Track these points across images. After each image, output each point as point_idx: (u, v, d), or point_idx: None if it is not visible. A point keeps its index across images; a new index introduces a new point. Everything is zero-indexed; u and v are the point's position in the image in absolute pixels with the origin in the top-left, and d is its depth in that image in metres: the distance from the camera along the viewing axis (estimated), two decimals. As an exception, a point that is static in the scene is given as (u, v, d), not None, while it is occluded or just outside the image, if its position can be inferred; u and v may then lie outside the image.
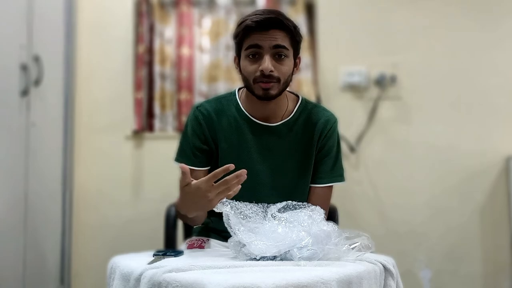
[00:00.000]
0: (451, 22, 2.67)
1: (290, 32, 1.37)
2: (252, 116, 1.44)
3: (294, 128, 1.42)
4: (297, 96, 1.50)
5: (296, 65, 1.44)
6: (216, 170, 1.18)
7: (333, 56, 2.68)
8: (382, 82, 2.63)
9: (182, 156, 1.45)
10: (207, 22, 2.70)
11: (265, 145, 1.43)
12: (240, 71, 1.41)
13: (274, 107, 1.42)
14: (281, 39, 1.36)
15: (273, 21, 1.35)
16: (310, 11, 2.69)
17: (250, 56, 1.36)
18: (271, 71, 1.34)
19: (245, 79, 1.40)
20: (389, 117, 2.65)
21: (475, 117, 2.63)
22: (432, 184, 2.62)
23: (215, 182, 1.17)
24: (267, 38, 1.34)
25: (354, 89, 2.66)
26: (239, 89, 1.50)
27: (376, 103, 2.64)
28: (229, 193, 1.18)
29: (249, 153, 1.42)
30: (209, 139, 1.44)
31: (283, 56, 1.36)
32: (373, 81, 2.65)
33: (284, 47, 1.36)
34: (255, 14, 1.37)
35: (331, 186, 1.47)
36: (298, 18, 2.64)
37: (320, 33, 2.69)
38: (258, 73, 1.35)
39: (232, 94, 1.49)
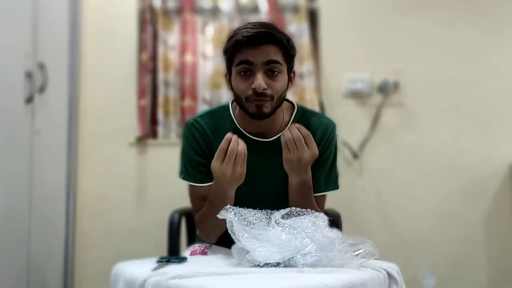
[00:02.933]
0: (454, 28, 2.67)
1: (283, 47, 1.31)
2: (248, 132, 1.40)
3: None
4: (292, 105, 1.45)
5: (290, 79, 1.38)
6: (220, 146, 1.30)
7: (336, 63, 2.69)
8: (385, 89, 2.63)
9: (188, 174, 1.43)
10: (210, 30, 2.71)
11: (262, 161, 1.40)
12: (232, 87, 1.36)
13: (269, 123, 1.39)
14: (274, 54, 1.30)
15: (265, 35, 1.29)
16: (313, 18, 2.70)
17: (242, 73, 1.31)
18: (264, 89, 1.29)
19: (237, 96, 1.35)
20: (392, 123, 2.65)
21: (479, 123, 2.63)
22: (436, 191, 2.61)
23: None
24: (259, 54, 1.28)
25: (357, 96, 2.66)
26: (232, 102, 1.45)
27: (379, 110, 2.64)
28: (237, 154, 1.29)
29: (246, 170, 1.36)
30: (207, 154, 1.41)
31: (276, 72, 1.31)
32: (376, 87, 2.65)
33: (277, 62, 1.30)
34: (246, 28, 1.31)
35: (325, 194, 1.45)
36: (301, 25, 2.66)
37: (323, 40, 2.69)
38: (250, 92, 1.30)
39: (226, 108, 1.45)
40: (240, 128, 1.42)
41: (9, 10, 2.00)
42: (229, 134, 1.31)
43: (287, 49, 1.33)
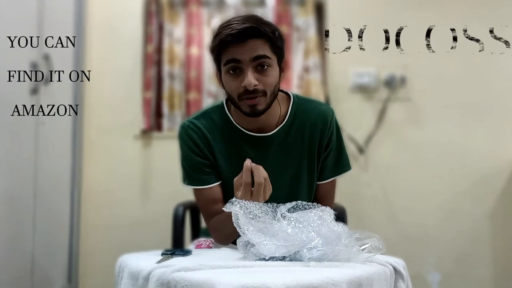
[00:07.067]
0: (462, 24, 2.64)
1: (269, 39, 1.27)
2: (246, 129, 1.37)
3: (291, 132, 1.37)
4: (288, 95, 1.41)
5: (282, 70, 1.34)
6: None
7: (342, 57, 2.66)
8: (392, 83, 2.61)
9: (191, 179, 1.40)
10: (216, 22, 2.69)
11: (264, 156, 1.36)
12: (223, 86, 1.33)
13: (266, 117, 1.34)
14: (261, 48, 1.25)
15: (249, 30, 1.24)
16: (320, 11, 2.68)
17: (231, 71, 1.27)
18: (255, 85, 1.25)
19: (229, 95, 1.32)
20: (399, 118, 2.63)
21: (486, 119, 2.60)
22: (443, 187, 2.59)
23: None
24: (245, 51, 1.24)
25: (363, 90, 2.65)
26: (227, 100, 1.40)
27: (385, 105, 2.62)
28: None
29: None
30: (209, 155, 1.38)
31: (266, 66, 1.26)
32: (382, 82, 2.63)
33: (265, 56, 1.26)
34: (230, 25, 1.26)
35: (335, 179, 1.45)
36: (308, 19, 2.64)
37: (330, 33, 2.67)
38: (241, 90, 1.26)
39: (220, 107, 1.40)
40: (238, 125, 1.38)
41: (15, 2, 1.99)
42: (247, 163, 1.25)
43: (274, 40, 1.28)
